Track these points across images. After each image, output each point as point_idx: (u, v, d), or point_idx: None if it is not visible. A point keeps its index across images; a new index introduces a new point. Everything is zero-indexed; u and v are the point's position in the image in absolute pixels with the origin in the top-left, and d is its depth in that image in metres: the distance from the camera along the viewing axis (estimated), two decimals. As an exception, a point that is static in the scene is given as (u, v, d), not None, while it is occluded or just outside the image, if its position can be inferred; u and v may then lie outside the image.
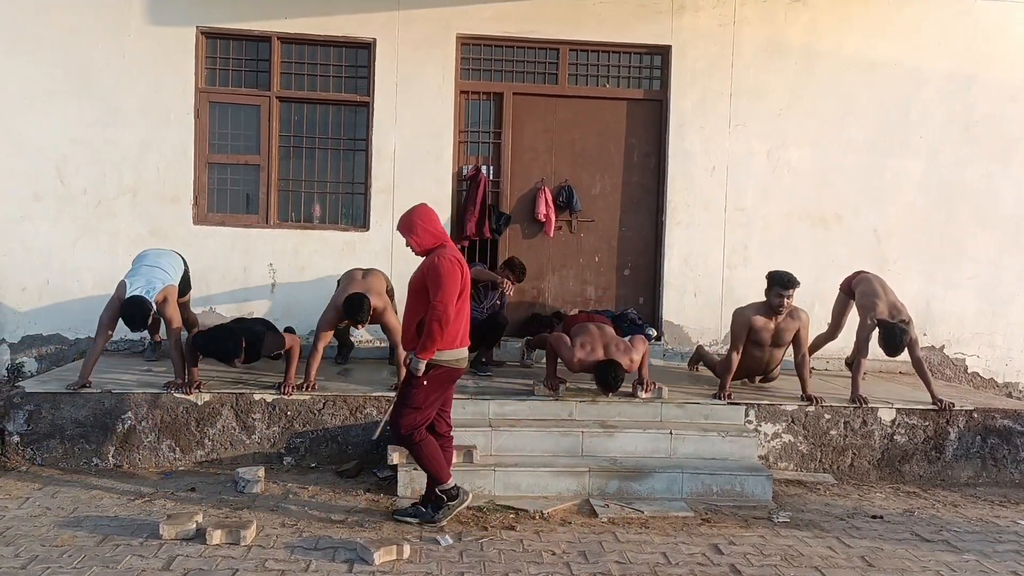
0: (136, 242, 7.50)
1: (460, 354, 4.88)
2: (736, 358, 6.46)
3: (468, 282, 4.90)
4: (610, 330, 6.39)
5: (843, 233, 8.24)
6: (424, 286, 4.72)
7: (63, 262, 7.52)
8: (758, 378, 7.04)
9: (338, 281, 6.78)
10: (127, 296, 5.84)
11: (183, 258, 6.53)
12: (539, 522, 5.06)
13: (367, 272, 6.73)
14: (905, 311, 6.65)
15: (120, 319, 5.86)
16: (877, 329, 6.50)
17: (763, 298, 6.52)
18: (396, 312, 6.44)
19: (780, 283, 6.35)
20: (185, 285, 6.51)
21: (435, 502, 4.88)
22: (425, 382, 4.74)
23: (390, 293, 6.79)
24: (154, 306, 5.90)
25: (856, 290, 6.97)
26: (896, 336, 6.34)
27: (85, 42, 7.47)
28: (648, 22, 8.00)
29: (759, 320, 6.47)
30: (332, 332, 6.34)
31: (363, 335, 7.63)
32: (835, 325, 7.46)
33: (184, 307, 6.58)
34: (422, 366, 4.70)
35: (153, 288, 5.94)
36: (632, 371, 6.18)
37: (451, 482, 4.90)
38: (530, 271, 8.15)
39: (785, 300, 6.34)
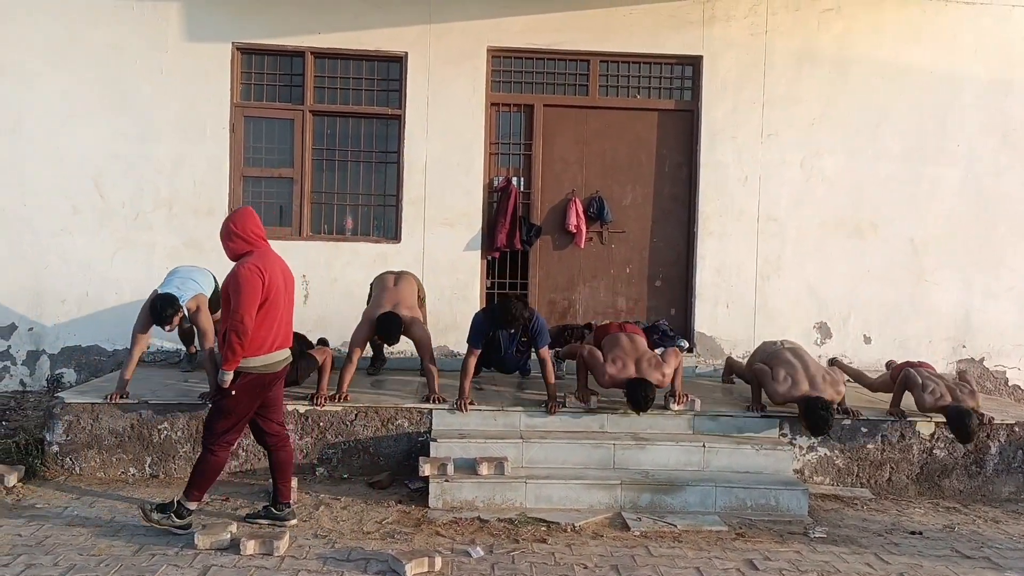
0: (172, 255, 7.62)
1: (271, 359, 4.74)
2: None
3: (277, 287, 4.69)
4: (642, 342, 6.33)
5: (878, 242, 8.12)
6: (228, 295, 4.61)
7: (101, 274, 7.65)
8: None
9: (371, 285, 6.80)
10: (158, 293, 5.98)
11: (215, 277, 6.61)
12: (571, 535, 5.03)
13: (399, 277, 6.69)
14: (971, 381, 6.32)
15: (152, 323, 5.96)
16: (945, 417, 6.07)
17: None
18: (426, 321, 6.46)
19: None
20: (217, 302, 6.58)
21: (175, 505, 4.74)
22: (233, 392, 4.66)
23: (422, 298, 6.77)
24: (184, 307, 6.03)
25: (910, 388, 6.29)
26: (968, 425, 5.89)
27: (123, 58, 7.62)
28: (679, 32, 7.98)
29: None
30: (365, 346, 6.38)
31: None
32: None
33: (217, 324, 6.66)
34: (227, 377, 4.62)
35: (184, 295, 6.09)
36: (664, 386, 6.11)
37: (194, 505, 4.76)
38: (561, 282, 8.17)
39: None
